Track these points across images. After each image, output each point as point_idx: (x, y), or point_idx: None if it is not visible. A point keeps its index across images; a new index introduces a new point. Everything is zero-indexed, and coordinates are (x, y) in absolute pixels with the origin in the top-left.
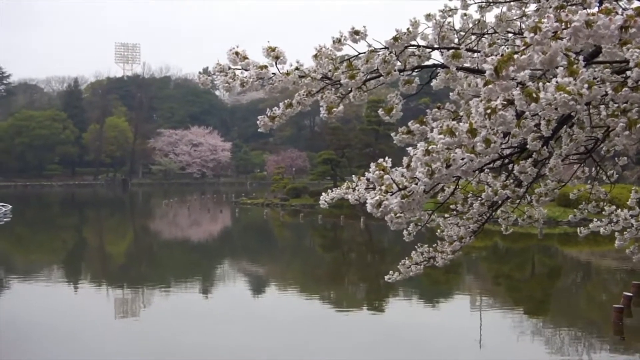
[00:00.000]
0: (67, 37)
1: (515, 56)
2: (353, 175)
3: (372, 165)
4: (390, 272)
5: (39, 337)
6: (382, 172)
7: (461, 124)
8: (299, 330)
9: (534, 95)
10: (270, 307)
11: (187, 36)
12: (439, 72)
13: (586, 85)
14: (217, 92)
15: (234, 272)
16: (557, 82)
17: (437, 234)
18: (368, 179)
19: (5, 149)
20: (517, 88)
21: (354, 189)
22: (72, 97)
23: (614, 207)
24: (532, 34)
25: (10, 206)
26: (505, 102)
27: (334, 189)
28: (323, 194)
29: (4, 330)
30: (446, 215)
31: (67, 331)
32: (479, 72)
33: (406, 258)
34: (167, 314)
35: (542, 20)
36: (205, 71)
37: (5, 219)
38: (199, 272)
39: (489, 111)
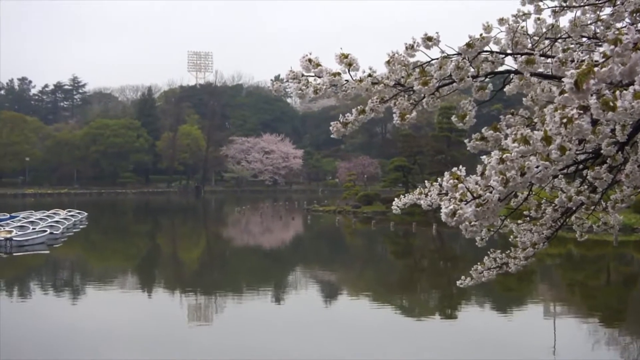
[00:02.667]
0: (141, 46)
1: (596, 69)
2: (426, 182)
3: (446, 174)
4: (463, 277)
5: (113, 342)
6: (456, 180)
7: (535, 131)
8: (372, 337)
9: (611, 104)
10: (343, 314)
11: (259, 44)
12: (512, 78)
13: None
14: (288, 100)
15: (306, 279)
16: (634, 89)
17: (509, 240)
18: (440, 185)
19: (81, 157)
20: (594, 97)
21: (426, 195)
22: (145, 105)
23: None
24: (612, 46)
25: (85, 213)
26: (581, 110)
27: (406, 195)
28: (395, 199)
29: (80, 334)
30: (519, 221)
31: (141, 336)
32: (553, 77)
33: (478, 264)
34: (240, 320)
35: (622, 31)
36: (278, 79)
37: (81, 226)
38: (272, 279)
39: (565, 120)
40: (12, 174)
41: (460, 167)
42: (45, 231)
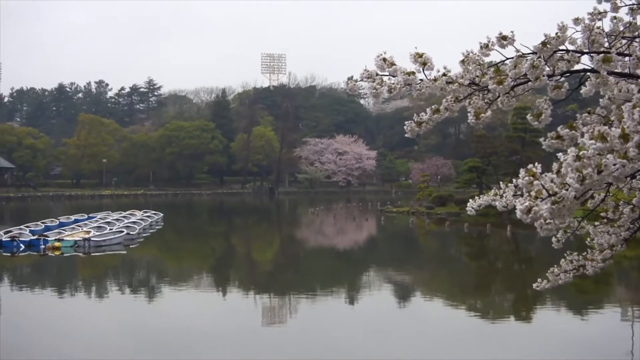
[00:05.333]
0: (215, 49)
1: None
2: (500, 183)
3: (522, 171)
4: (539, 280)
5: (187, 341)
6: (531, 177)
7: (613, 129)
8: (445, 339)
9: None
10: (417, 315)
11: (332, 46)
12: (588, 77)
13: None
14: (361, 101)
15: (380, 280)
16: None
17: (586, 242)
18: (515, 186)
19: (157, 158)
20: None
21: (501, 196)
22: (220, 107)
23: None
24: None
25: (161, 214)
26: None
27: (481, 196)
28: (470, 201)
29: (156, 334)
30: (596, 223)
31: (215, 336)
32: (631, 76)
33: (555, 266)
34: (313, 321)
35: None
36: (351, 79)
37: (156, 227)
38: (345, 280)
39: None
40: (90, 175)
41: (536, 164)
42: (122, 232)
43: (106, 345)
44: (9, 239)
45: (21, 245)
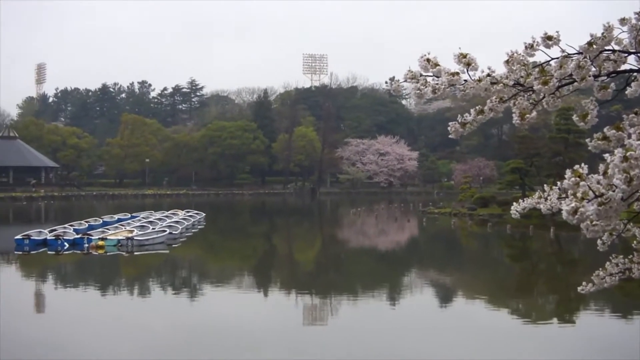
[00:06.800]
0: (257, 49)
1: None
2: (545, 185)
3: (568, 172)
4: (584, 283)
5: (228, 341)
6: (578, 178)
7: None
8: (487, 340)
9: None
10: (458, 316)
11: (374, 46)
12: (634, 78)
13: None
14: (403, 102)
15: (421, 281)
16: None
17: (632, 244)
18: (560, 189)
19: (199, 158)
20: None
21: (545, 199)
22: (261, 107)
23: None
24: None
25: (203, 214)
26: None
27: (525, 199)
28: (514, 203)
29: (198, 333)
30: None
31: (256, 336)
32: None
33: (600, 269)
34: (354, 322)
35: None
36: (393, 80)
37: (199, 227)
38: (387, 281)
39: None
40: (133, 175)
41: (583, 165)
42: (165, 231)
43: (149, 344)
44: (53, 238)
45: (65, 243)
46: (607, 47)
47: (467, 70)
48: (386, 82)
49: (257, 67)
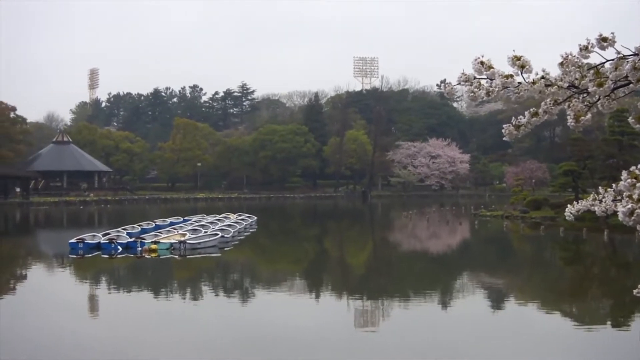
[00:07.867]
0: (308, 52)
1: None
2: (598, 187)
3: (624, 173)
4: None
5: (279, 344)
6: (634, 180)
7: None
8: (539, 344)
9: None
10: (510, 320)
11: (425, 49)
12: None
13: None
14: (454, 104)
15: (473, 284)
16: None
17: None
18: (615, 191)
19: (251, 162)
20: None
21: (600, 201)
22: (313, 111)
23: None
24: None
25: (255, 217)
26: None
27: (579, 201)
28: (568, 206)
29: (249, 336)
30: None
31: (307, 339)
32: None
33: None
34: (405, 326)
35: None
36: (444, 82)
37: (250, 230)
38: (438, 284)
39: None
40: (185, 178)
41: (639, 166)
42: (217, 234)
43: (202, 347)
44: (107, 241)
45: (119, 247)
46: None
47: (521, 73)
48: (438, 85)
49: (308, 70)
